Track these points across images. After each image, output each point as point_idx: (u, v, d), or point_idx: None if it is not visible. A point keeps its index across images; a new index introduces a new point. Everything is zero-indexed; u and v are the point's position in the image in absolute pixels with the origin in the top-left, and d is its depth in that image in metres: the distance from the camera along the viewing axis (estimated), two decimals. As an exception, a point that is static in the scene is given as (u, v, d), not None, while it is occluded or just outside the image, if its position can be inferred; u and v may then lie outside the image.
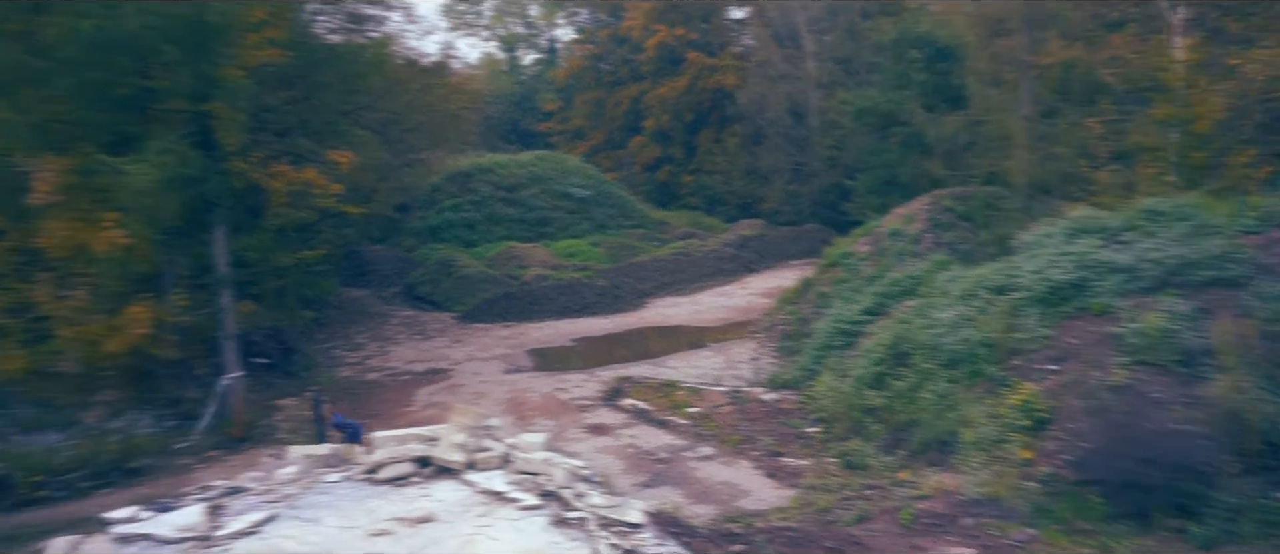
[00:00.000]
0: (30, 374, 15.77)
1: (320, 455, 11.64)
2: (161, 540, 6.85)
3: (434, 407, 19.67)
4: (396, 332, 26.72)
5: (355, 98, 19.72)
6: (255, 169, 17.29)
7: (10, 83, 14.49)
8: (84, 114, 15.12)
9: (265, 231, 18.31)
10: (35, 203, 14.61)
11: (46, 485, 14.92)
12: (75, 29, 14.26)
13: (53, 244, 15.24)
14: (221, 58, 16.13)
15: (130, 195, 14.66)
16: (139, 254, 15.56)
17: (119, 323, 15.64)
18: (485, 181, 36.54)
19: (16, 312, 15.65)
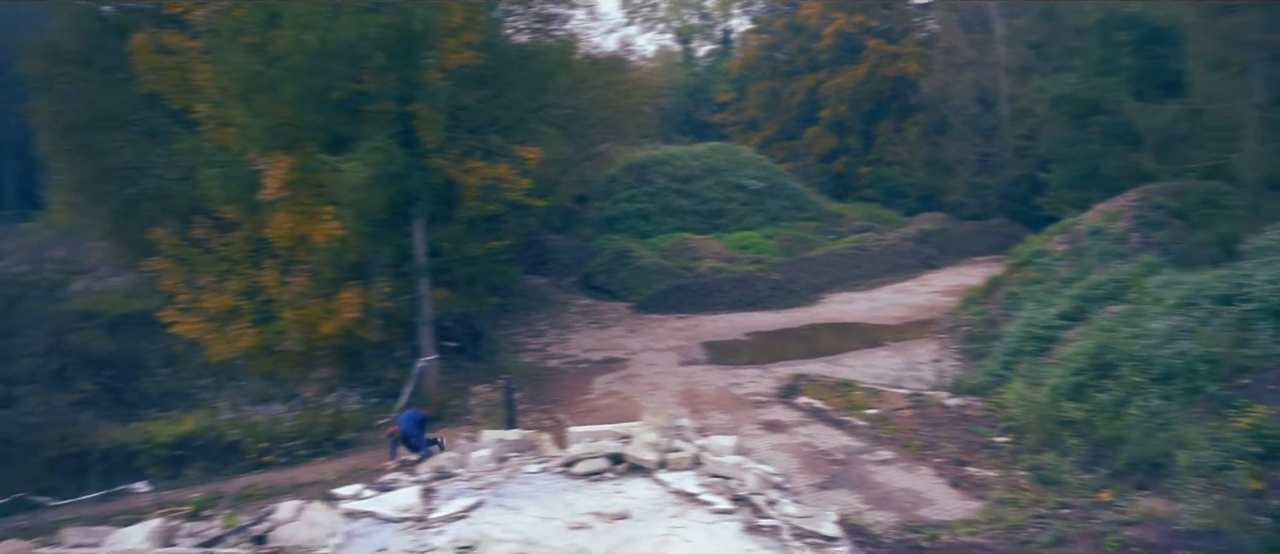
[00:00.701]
0: (259, 351, 17.56)
1: (511, 440, 12.28)
2: (383, 518, 7.48)
3: (611, 395, 20.23)
4: (575, 320, 27.62)
5: (543, 95, 20.52)
6: (451, 165, 18.34)
7: (248, 90, 16.08)
8: (306, 117, 16.57)
9: (458, 223, 19.37)
10: (266, 198, 16.18)
11: (271, 452, 16.57)
12: (301, 40, 15.64)
13: (279, 235, 16.84)
14: (423, 62, 17.23)
15: (345, 191, 15.95)
16: (351, 245, 16.93)
17: (333, 307, 17.11)
18: (660, 173, 37.03)
19: (249, 295, 17.42)
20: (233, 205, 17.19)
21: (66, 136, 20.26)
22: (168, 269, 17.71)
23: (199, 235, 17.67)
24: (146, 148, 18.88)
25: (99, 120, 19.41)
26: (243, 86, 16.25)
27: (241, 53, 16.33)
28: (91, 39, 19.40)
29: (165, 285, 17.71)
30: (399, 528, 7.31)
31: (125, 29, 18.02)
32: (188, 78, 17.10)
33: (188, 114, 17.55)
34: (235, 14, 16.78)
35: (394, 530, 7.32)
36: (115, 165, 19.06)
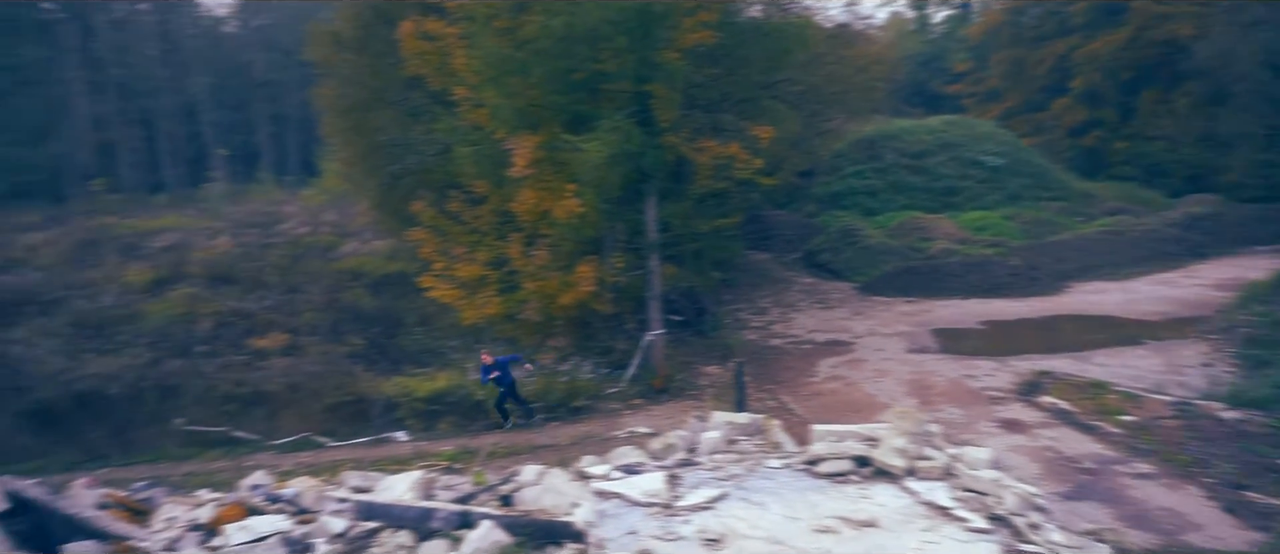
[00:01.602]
0: (503, 318, 18.79)
1: (740, 424, 12.33)
2: (631, 501, 7.79)
3: (836, 380, 19.85)
4: (798, 298, 27.29)
5: (776, 72, 20.24)
6: (684, 143, 18.56)
7: (499, 73, 17.07)
8: (551, 98, 17.36)
9: (688, 200, 19.62)
10: (513, 175, 17.17)
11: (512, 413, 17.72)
12: (548, 25, 16.37)
13: (524, 210, 17.86)
14: (661, 42, 17.49)
15: (585, 169, 16.60)
16: (589, 220, 17.63)
17: (571, 280, 17.95)
18: (890, 148, 35.58)
19: (495, 265, 18.65)
20: (483, 181, 18.40)
21: (343, 116, 22.58)
22: (426, 239, 19.32)
23: (453, 208, 19.11)
24: (409, 127, 20.61)
25: (370, 101, 21.44)
26: (494, 70, 17.24)
27: (494, 38, 17.33)
28: (366, 27, 21.39)
29: (424, 253, 19.34)
30: (646, 513, 7.58)
31: (394, 17, 19.67)
32: (446, 62, 18.39)
33: (446, 95, 18.91)
34: (489, 1, 17.82)
35: (642, 515, 7.60)
36: (383, 143, 20.99)
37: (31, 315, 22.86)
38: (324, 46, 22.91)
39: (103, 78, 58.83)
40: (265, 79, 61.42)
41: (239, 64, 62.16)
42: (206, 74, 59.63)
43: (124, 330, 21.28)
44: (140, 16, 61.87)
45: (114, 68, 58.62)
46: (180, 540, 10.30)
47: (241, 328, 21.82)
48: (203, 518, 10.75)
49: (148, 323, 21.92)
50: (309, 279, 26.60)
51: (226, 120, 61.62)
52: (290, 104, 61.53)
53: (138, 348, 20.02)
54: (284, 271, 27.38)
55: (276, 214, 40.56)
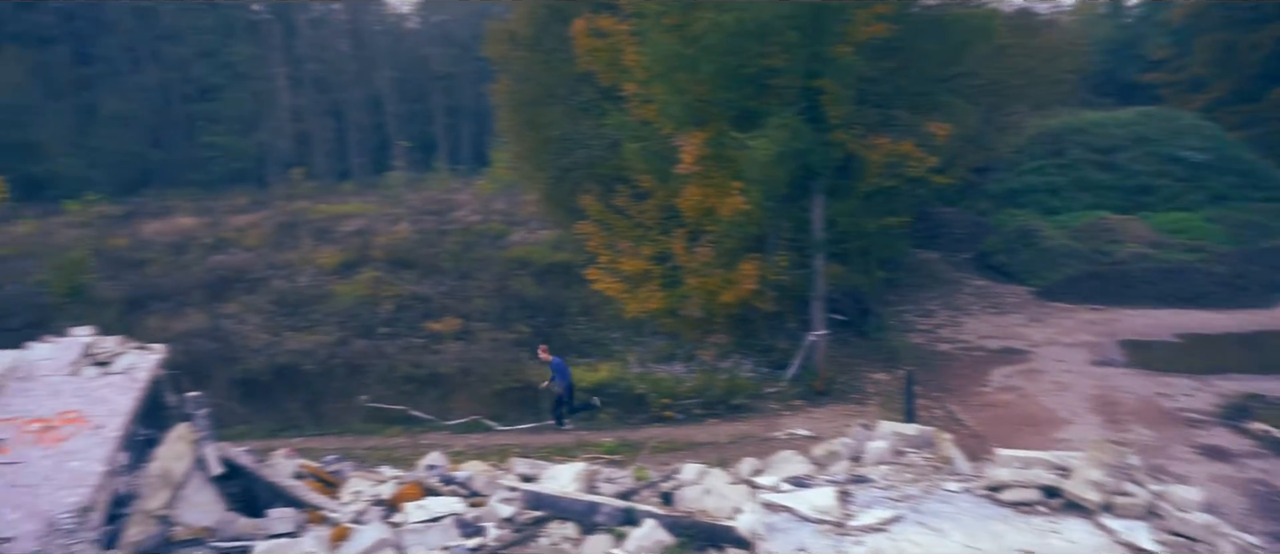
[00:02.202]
0: (665, 313, 18.95)
1: (909, 435, 11.85)
2: (800, 516, 7.66)
3: (1010, 391, 18.80)
4: (968, 301, 26.02)
5: (955, 66, 19.28)
6: (854, 140, 18.03)
7: (668, 69, 17.16)
8: (719, 95, 17.29)
9: (855, 198, 19.06)
10: (680, 171, 17.24)
11: (671, 408, 17.87)
12: (719, 21, 16.28)
13: (688, 206, 17.91)
14: (834, 36, 17.03)
15: (752, 166, 16.44)
16: (753, 218, 17.48)
17: (733, 277, 17.87)
18: (1076, 142, 33.20)
19: (659, 260, 18.82)
20: (650, 176, 18.58)
21: (517, 111, 23.41)
22: (592, 232, 19.74)
23: (620, 203, 19.42)
24: (579, 122, 21.10)
25: (542, 97, 22.11)
26: (664, 66, 17.35)
27: (664, 34, 17.42)
28: (540, 25, 22.05)
29: (590, 246, 19.78)
30: (816, 530, 7.43)
31: (568, 15, 20.15)
32: (617, 58, 18.67)
33: (616, 91, 19.22)
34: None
35: (812, 531, 7.45)
36: (553, 137, 21.60)
37: (240, 292, 25.11)
38: (500, 44, 23.81)
39: (301, 73, 63.85)
40: (443, 73, 64.67)
41: (419, 58, 65.75)
42: (390, 68, 63.46)
43: (317, 309, 22.99)
44: (335, 15, 66.54)
45: (311, 63, 63.44)
46: (365, 514, 11.02)
47: (419, 311, 23.06)
48: (385, 494, 11.46)
49: (337, 303, 23.57)
50: (479, 266, 27.78)
51: (407, 111, 65.38)
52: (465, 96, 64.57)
53: (328, 326, 21.58)
54: (457, 258, 28.72)
55: (451, 202, 42.68)
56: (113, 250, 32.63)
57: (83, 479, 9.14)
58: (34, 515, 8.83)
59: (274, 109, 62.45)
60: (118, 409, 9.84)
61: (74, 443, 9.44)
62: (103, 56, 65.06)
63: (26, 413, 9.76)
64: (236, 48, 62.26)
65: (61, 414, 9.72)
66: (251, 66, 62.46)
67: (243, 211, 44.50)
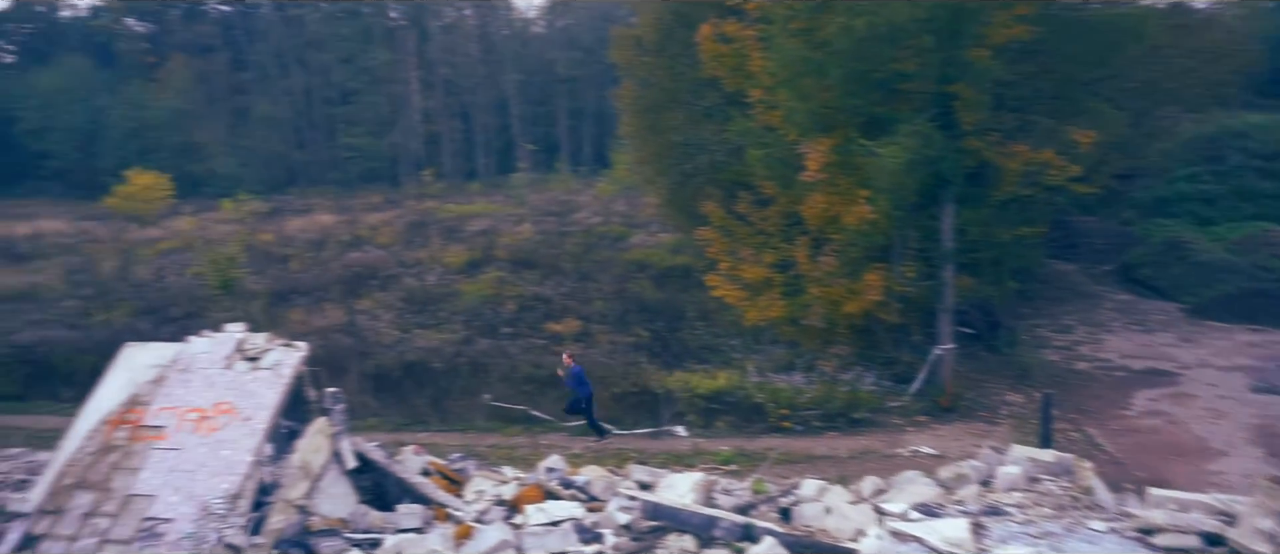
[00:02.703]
0: (786, 321, 18.67)
1: (1045, 462, 11.24)
2: (930, 548, 7.37)
3: (1156, 415, 17.60)
4: (1109, 318, 24.50)
5: (1102, 68, 18.20)
6: (990, 148, 17.28)
7: (795, 75, 16.89)
8: (847, 101, 16.88)
9: (988, 207, 18.26)
10: (805, 179, 16.93)
11: (790, 418, 17.57)
12: (850, 26, 15.89)
13: (813, 214, 17.58)
14: (970, 39, 16.35)
15: (880, 174, 15.98)
16: (880, 228, 16.99)
17: (857, 287, 17.42)
18: (1235, 148, 30.81)
19: (780, 267, 18.55)
20: (773, 183, 18.34)
21: (640, 116, 23.57)
22: (713, 238, 19.64)
23: (742, 209, 19.25)
24: (702, 127, 21.05)
25: (666, 102, 22.17)
26: (790, 71, 17.08)
27: (791, 39, 17.15)
28: (665, 31, 22.13)
29: (711, 253, 19.69)
30: (946, 562, 7.14)
31: (693, 20, 20.12)
32: (743, 64, 18.52)
33: (740, 97, 19.06)
34: (788, 2, 17.66)
35: (941, 563, 7.16)
36: (676, 142, 21.63)
37: (373, 289, 26.30)
38: (625, 49, 24.03)
39: (433, 77, 66.36)
40: (567, 76, 65.90)
41: (544, 62, 67.22)
42: (516, 71, 65.15)
43: (444, 308, 23.83)
44: (465, 21, 68.86)
45: (442, 67, 65.84)
46: (487, 513, 11.31)
47: (540, 311, 23.55)
48: (507, 495, 11.73)
49: (462, 302, 24.36)
50: (599, 267, 28.14)
51: (531, 114, 66.96)
52: (588, 99, 65.60)
53: (454, 325, 22.32)
54: (577, 259, 29.19)
55: (572, 203, 43.41)
56: (260, 246, 34.78)
57: (233, 467, 9.74)
58: (191, 499, 9.48)
59: (407, 111, 65.16)
60: (265, 403, 10.45)
61: (226, 433, 10.08)
62: (256, 63, 69.59)
63: (186, 403, 10.48)
64: (374, 53, 65.30)
65: (216, 405, 10.39)
66: (387, 71, 65.37)
67: (377, 210, 46.62)
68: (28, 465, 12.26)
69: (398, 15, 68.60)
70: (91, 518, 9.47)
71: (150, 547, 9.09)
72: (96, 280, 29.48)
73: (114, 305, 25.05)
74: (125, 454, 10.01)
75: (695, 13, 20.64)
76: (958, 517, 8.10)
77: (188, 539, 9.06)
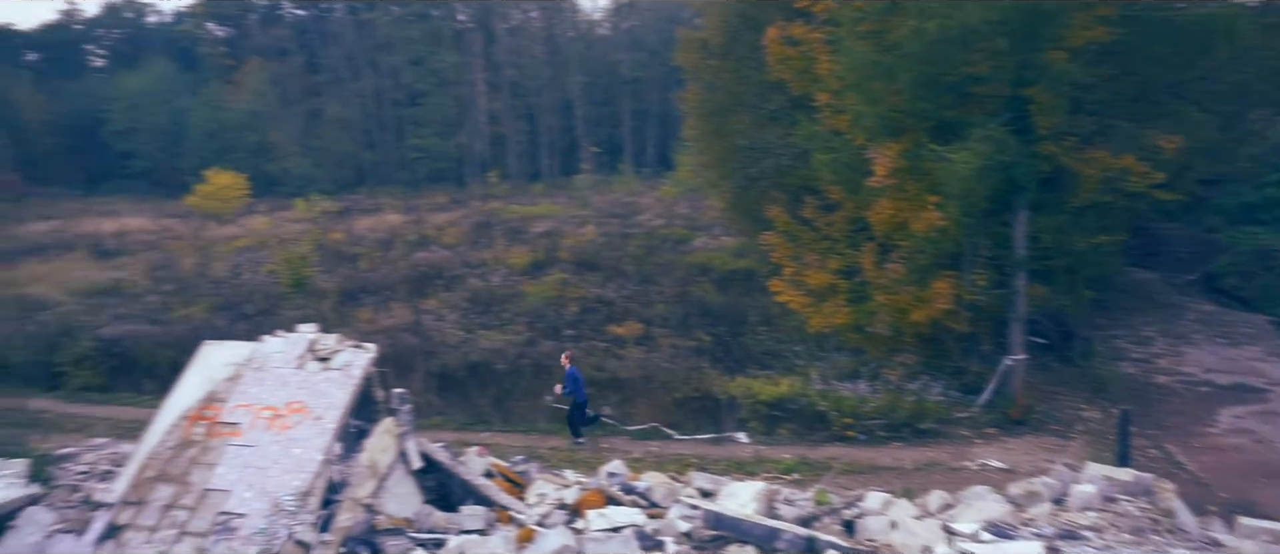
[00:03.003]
0: (851, 329, 18.37)
1: (1123, 481, 10.83)
2: (1005, 570, 7.14)
3: (1242, 434, 16.83)
4: (1191, 329, 23.51)
5: (1188, 70, 17.47)
6: (1066, 153, 16.74)
7: (863, 78, 16.60)
8: (916, 104, 16.52)
9: (1064, 213, 17.69)
10: (872, 184, 16.63)
11: (854, 427, 17.28)
12: (921, 28, 15.55)
13: (880, 220, 17.25)
14: (1047, 42, 15.86)
15: (951, 180, 15.58)
16: (950, 234, 16.58)
17: (925, 295, 17.04)
18: (1331, 153, 29.19)
19: (846, 274, 18.27)
20: (839, 188, 18.06)
21: (705, 119, 23.47)
22: (778, 243, 19.44)
23: (807, 214, 19.00)
24: (768, 131, 20.85)
25: (731, 106, 22.03)
26: (859, 74, 16.79)
27: (860, 42, 16.87)
28: (732, 33, 21.99)
29: (775, 258, 19.49)
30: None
31: (760, 23, 19.95)
32: (810, 67, 18.29)
33: (807, 100, 18.83)
34: (856, 4, 17.38)
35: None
36: (741, 146, 21.47)
37: (439, 289, 26.73)
38: (691, 52, 23.96)
39: (499, 79, 67.24)
40: (631, 77, 66.11)
41: (609, 64, 67.56)
42: (581, 73, 65.61)
43: (508, 309, 24.08)
44: (532, 23, 69.60)
45: (508, 69, 66.66)
46: (549, 517, 11.37)
47: (602, 314, 23.62)
48: (568, 499, 11.78)
49: (526, 303, 24.58)
50: (661, 270, 28.13)
51: (595, 115, 67.37)
52: (651, 100, 65.72)
53: (518, 326, 22.53)
54: (640, 261, 29.23)
55: (635, 205, 43.51)
56: (331, 244, 35.67)
57: (304, 465, 9.97)
58: (263, 495, 9.73)
59: (473, 113, 66.15)
60: (335, 402, 10.67)
61: (298, 431, 10.33)
62: (328, 66, 71.44)
63: (260, 400, 10.77)
64: (442, 56, 66.45)
65: (288, 404, 10.66)
66: (455, 73, 66.48)
67: (443, 210, 47.41)
68: (112, 456, 12.74)
69: (465, 18, 69.69)
70: (171, 510, 9.80)
71: (224, 540, 9.36)
72: (177, 277, 30.60)
73: (193, 301, 25.94)
74: (203, 449, 10.34)
75: (762, 15, 20.46)
76: (1031, 539, 7.83)
77: (260, 534, 9.30)
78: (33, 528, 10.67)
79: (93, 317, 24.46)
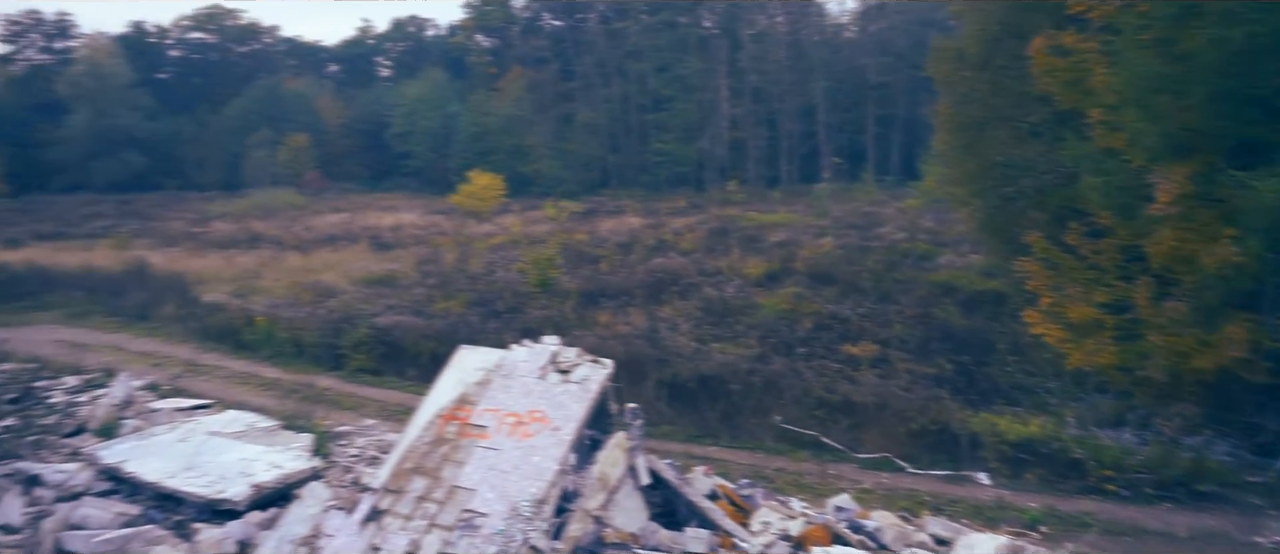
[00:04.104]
0: (1117, 370, 16.53)
1: None
2: None
3: None
4: None
5: None
6: None
7: (1146, 92, 14.86)
8: (1212, 122, 14.54)
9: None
10: (1152, 211, 14.87)
11: (1113, 481, 15.54)
12: (1223, 37, 13.66)
13: (1159, 252, 15.37)
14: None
15: (1254, 210, 13.57)
16: (1248, 272, 14.44)
17: (1213, 339, 14.96)
18: None
19: (1113, 309, 16.45)
20: (1111, 213, 16.31)
21: (958, 133, 22.12)
22: (1035, 271, 17.89)
23: (1070, 240, 17.33)
24: (1028, 147, 19.26)
25: (988, 119, 20.58)
26: (1141, 88, 15.05)
27: (1144, 52, 15.11)
28: (991, 42, 20.54)
29: (1032, 286, 17.95)
30: None
31: (1025, 31, 18.47)
32: (1081, 79, 16.66)
33: (1075, 116, 17.21)
34: (1140, 9, 15.58)
35: None
36: (997, 162, 19.99)
37: (674, 296, 27.28)
38: (945, 62, 22.66)
39: (741, 84, 67.62)
40: (877, 82, 63.97)
41: (854, 68, 65.79)
42: (825, 78, 64.43)
43: (741, 321, 24.08)
44: (776, 27, 69.34)
45: (751, 74, 66.83)
46: (772, 548, 11.19)
47: (837, 332, 23.00)
48: (793, 531, 11.53)
49: (759, 315, 24.46)
50: (901, 288, 26.95)
51: (838, 121, 65.89)
52: (897, 106, 63.21)
53: (750, 339, 22.45)
54: (878, 277, 28.18)
55: (876, 216, 42.07)
56: (575, 245, 37.55)
57: (541, 474, 10.50)
58: (503, 498, 10.36)
59: (715, 118, 67.01)
60: (572, 414, 11.15)
61: (537, 440, 10.90)
62: (581, 73, 75.41)
63: (505, 407, 11.49)
64: (687, 62, 67.91)
65: (530, 412, 11.28)
66: (699, 79, 67.72)
67: (681, 214, 48.41)
68: (378, 443, 14.14)
69: (710, 24, 70.72)
70: (423, 502, 10.69)
71: (468, 536, 10.06)
72: (440, 271, 33.54)
73: (452, 295, 28.28)
74: (454, 448, 11.19)
75: (1027, 22, 18.94)
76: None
77: (498, 535, 9.90)
78: (313, 501, 12.07)
79: (369, 305, 27.35)
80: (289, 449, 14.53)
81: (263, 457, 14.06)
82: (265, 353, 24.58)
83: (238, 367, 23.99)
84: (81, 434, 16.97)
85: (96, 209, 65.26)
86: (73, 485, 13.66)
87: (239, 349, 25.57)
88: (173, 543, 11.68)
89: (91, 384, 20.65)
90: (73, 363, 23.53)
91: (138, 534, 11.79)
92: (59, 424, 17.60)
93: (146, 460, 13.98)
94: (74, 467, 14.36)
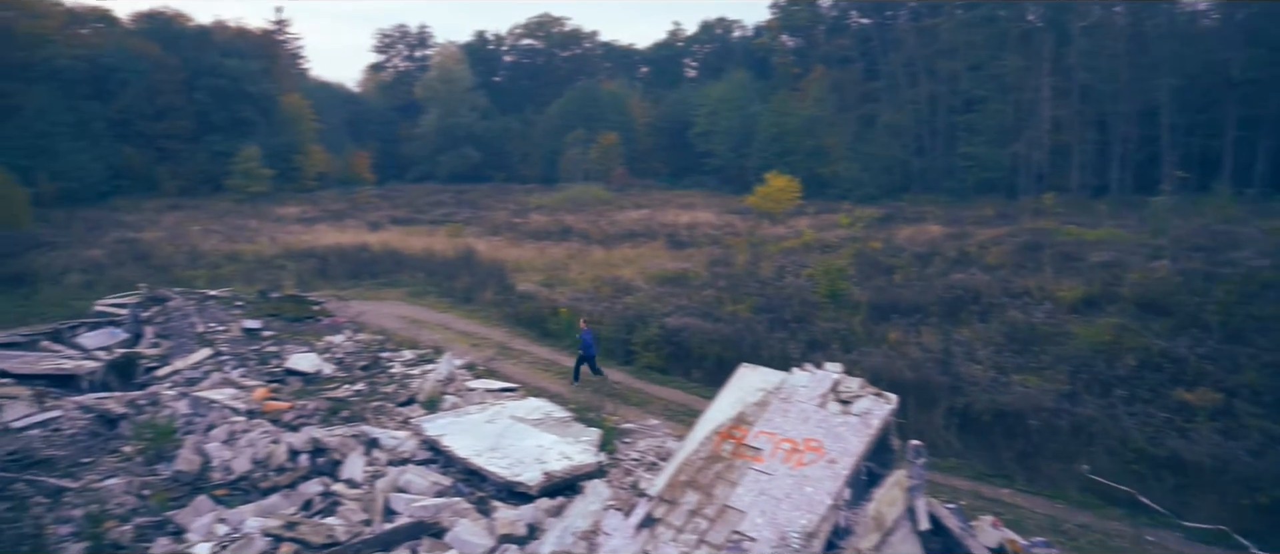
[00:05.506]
0: None
1: None
2: None
3: None
4: None
5: None
6: None
7: None
8: None
9: None
10: None
11: None
12: None
13: None
14: None
15: None
16: None
17: None
18: None
19: None
20: None
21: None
22: None
23: None
24: None
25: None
26: None
27: None
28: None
29: None
30: None
31: None
32: None
33: None
34: None
35: None
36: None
37: (973, 317, 25.47)
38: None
39: (1067, 82, 61.38)
40: (1242, 79, 55.01)
41: (1212, 63, 57.05)
42: (1172, 75, 56.54)
43: (1049, 351, 21.90)
44: (1114, 18, 62.15)
45: (1080, 72, 60.47)
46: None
47: (1167, 373, 20.13)
48: (1095, 606, 10.28)
49: (1071, 346, 22.11)
50: (1258, 327, 22.96)
51: (1186, 124, 57.59)
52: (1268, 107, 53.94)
53: (1058, 373, 20.34)
54: (1228, 312, 24.23)
55: (1230, 236, 36.34)
56: (869, 253, 36.37)
57: (814, 505, 10.29)
58: (773, 525, 10.28)
59: (1033, 120, 61.52)
60: (849, 448, 10.79)
61: (811, 470, 10.69)
62: (887, 72, 72.80)
63: (781, 431, 11.39)
64: (1005, 59, 62.94)
65: (806, 440, 11.08)
66: (1017, 78, 62.53)
67: (988, 224, 45.12)
68: (659, 449, 14.67)
69: (1035, 18, 64.97)
70: (695, 516, 10.91)
71: (736, 558, 10.11)
72: (730, 273, 34.08)
73: (740, 299, 28.59)
74: (728, 467, 11.30)
75: None
76: None
77: (766, 563, 9.84)
78: (595, 498, 12.80)
79: (660, 304, 28.45)
80: (578, 441, 15.56)
81: (555, 446, 15.19)
82: (566, 342, 26.51)
83: (542, 353, 26.11)
84: (411, 404, 19.41)
85: (439, 197, 74.57)
86: (401, 452, 15.67)
87: (544, 336, 27.83)
88: (474, 517, 12.97)
89: (423, 359, 23.56)
90: (410, 338, 27.00)
91: (448, 505, 13.23)
92: (395, 393, 20.28)
93: (459, 437, 15.68)
94: (403, 434, 16.47)
